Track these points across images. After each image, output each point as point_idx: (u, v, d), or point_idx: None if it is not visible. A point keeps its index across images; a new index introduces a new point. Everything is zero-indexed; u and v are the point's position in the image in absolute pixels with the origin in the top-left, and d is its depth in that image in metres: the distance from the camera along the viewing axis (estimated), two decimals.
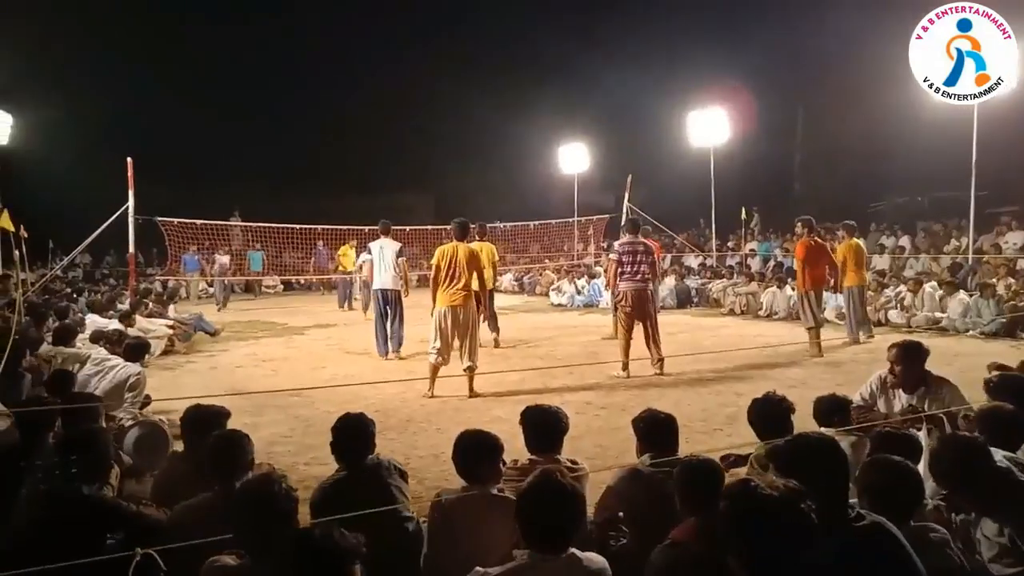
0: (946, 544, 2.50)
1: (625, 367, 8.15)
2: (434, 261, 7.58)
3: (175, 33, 26.90)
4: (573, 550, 2.33)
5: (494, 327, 10.36)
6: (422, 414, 6.70)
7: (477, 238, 10.09)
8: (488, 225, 22.54)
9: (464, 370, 7.36)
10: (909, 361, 4.40)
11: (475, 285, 7.55)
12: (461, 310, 7.35)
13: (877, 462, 2.62)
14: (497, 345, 10.25)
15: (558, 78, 28.15)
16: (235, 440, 3.18)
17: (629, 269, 8.22)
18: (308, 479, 4.52)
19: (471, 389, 7.37)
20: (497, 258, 10.59)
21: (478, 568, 2.36)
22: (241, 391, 7.46)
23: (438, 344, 7.32)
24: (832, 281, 9.87)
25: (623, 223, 9.09)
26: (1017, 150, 16.62)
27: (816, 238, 9.84)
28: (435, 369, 7.37)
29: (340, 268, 17.52)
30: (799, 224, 9.97)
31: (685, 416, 6.18)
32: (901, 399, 4.46)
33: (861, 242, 10.68)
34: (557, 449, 3.45)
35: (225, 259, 18.47)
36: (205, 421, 3.61)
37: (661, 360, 8.21)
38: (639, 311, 8.23)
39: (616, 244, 8.61)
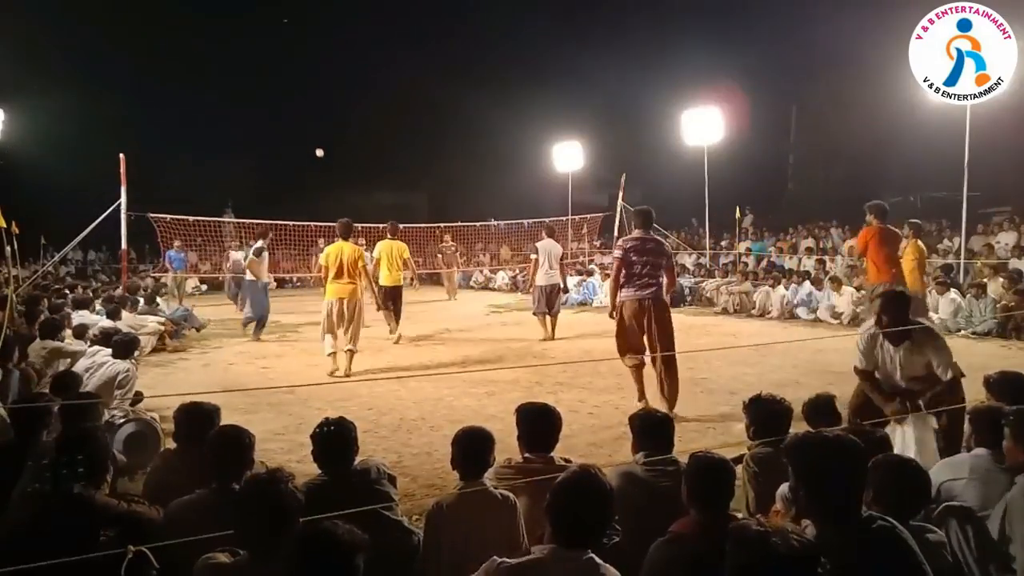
0: (942, 545, 2.51)
1: (641, 396, 6.53)
2: (322, 261, 8.70)
3: (170, 29, 26.76)
4: (592, 555, 2.31)
5: (396, 322, 10.93)
6: (415, 412, 6.69)
7: (390, 236, 11.16)
8: (480, 223, 22.84)
9: (345, 351, 8.41)
10: (894, 310, 4.51)
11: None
12: (347, 302, 8.45)
13: (884, 462, 2.60)
14: (397, 341, 10.70)
15: (552, 77, 28.18)
16: (239, 437, 3.16)
17: (637, 271, 6.28)
18: (300, 476, 4.48)
19: (349, 369, 8.40)
20: (407, 256, 11.22)
21: (495, 557, 2.34)
22: (234, 388, 7.43)
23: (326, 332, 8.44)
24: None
25: (632, 215, 6.96)
26: (1009, 151, 16.72)
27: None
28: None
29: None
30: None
31: (678, 414, 6.18)
32: (889, 352, 4.56)
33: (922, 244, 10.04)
34: (551, 447, 3.45)
35: (239, 255, 17.31)
36: (197, 418, 3.60)
37: (671, 406, 6.20)
38: (642, 327, 6.29)
39: (620, 240, 6.79)
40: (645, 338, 6.33)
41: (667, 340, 6.29)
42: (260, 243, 11.51)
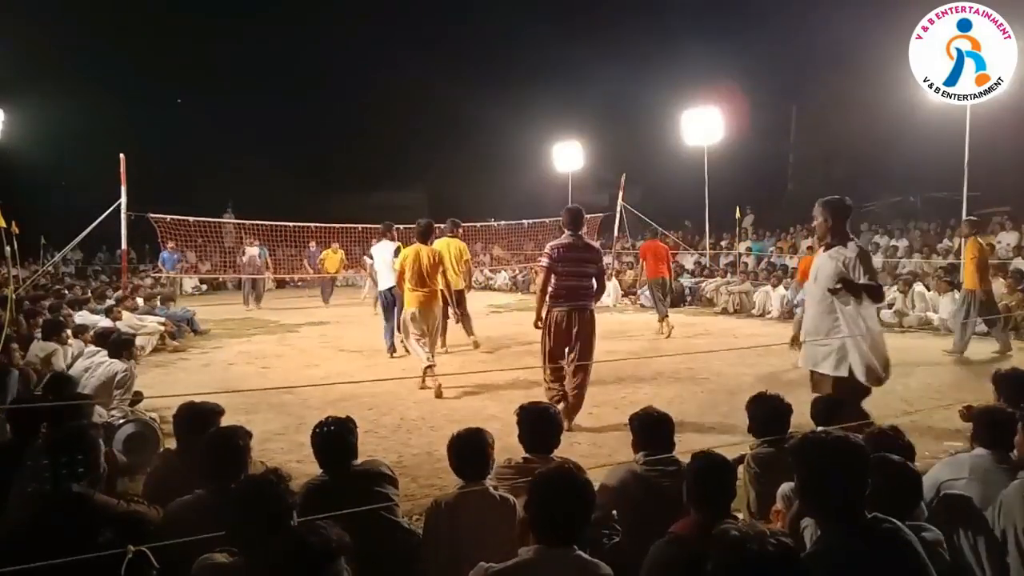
0: (939, 544, 2.50)
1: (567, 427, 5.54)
2: (396, 265, 8.08)
3: (170, 30, 26.80)
4: (579, 552, 2.31)
5: (469, 329, 9.87)
6: (415, 412, 6.70)
7: (449, 235, 10.00)
8: (481, 223, 22.84)
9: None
10: (825, 214, 4.90)
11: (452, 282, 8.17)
12: (423, 312, 7.77)
13: (878, 462, 2.61)
14: (476, 346, 9.78)
15: (553, 77, 28.21)
16: (232, 438, 3.16)
17: (565, 281, 5.83)
18: (299, 476, 4.49)
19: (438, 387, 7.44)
20: (468, 256, 10.09)
21: (482, 563, 2.35)
22: (234, 389, 7.43)
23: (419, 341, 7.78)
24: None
25: (561, 217, 6.20)
26: (1009, 150, 16.70)
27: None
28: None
29: (323, 269, 17.52)
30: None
31: (678, 414, 6.11)
32: (821, 257, 4.96)
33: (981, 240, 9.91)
34: (552, 448, 3.45)
35: (255, 251, 16.88)
36: (198, 418, 3.59)
37: (568, 419, 5.73)
38: (567, 339, 5.82)
39: (549, 245, 6.06)
40: (566, 349, 5.89)
41: (587, 353, 5.88)
42: (395, 243, 9.96)
